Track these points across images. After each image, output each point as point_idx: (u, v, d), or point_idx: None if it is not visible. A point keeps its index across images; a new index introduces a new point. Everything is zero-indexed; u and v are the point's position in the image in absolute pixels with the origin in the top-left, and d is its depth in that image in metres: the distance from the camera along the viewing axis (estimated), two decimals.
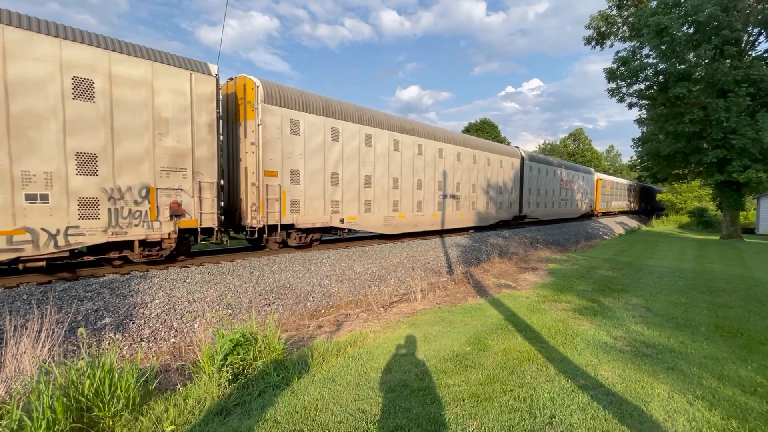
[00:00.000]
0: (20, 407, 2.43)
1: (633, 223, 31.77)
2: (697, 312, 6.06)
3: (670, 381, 3.60)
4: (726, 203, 19.96)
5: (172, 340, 5.28)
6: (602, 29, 21.49)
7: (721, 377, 3.70)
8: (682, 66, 16.80)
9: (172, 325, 5.48)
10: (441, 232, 14.53)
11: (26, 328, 3.53)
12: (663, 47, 16.79)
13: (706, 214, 30.80)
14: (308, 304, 6.96)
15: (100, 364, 2.84)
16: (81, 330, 3.22)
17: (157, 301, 5.83)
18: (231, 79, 8.91)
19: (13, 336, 3.42)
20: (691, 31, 16.65)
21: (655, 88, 18.68)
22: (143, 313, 5.52)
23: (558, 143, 69.77)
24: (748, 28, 17.29)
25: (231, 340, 3.54)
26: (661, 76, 17.85)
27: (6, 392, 2.89)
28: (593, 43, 22.07)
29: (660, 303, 6.56)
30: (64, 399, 2.58)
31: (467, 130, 49.78)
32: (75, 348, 4.63)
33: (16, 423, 2.36)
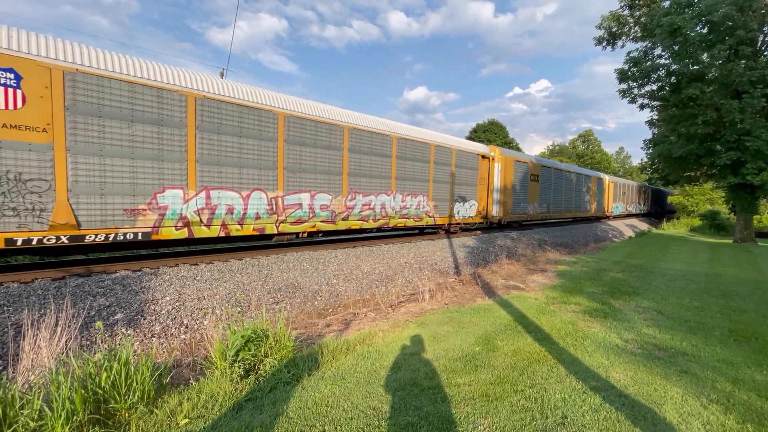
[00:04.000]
0: (40, 398, 2.49)
1: (643, 225, 31.38)
2: (710, 315, 5.97)
3: (683, 384, 3.56)
4: (739, 206, 19.62)
5: (183, 336, 5.35)
6: (613, 29, 21.27)
7: (735, 381, 3.65)
8: (696, 67, 16.54)
9: (183, 322, 5.55)
10: (449, 233, 14.57)
11: (43, 322, 3.60)
12: (676, 48, 16.55)
13: (718, 217, 30.27)
14: (316, 302, 6.99)
15: (117, 358, 2.89)
16: (98, 324, 3.28)
17: (168, 298, 5.90)
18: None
19: (31, 329, 3.49)
20: (704, 31, 16.39)
21: (668, 89, 18.40)
22: (154, 310, 5.60)
23: (567, 145, 69.20)
24: (764, 29, 16.96)
25: (242, 336, 3.57)
26: (673, 77, 17.59)
27: (25, 383, 2.96)
28: (604, 44, 21.86)
29: (672, 306, 6.48)
30: (82, 391, 2.63)
31: (474, 131, 49.63)
32: (89, 342, 4.71)
33: (37, 413, 2.42)
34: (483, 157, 15.34)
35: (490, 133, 47.91)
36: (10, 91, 5.33)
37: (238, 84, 8.20)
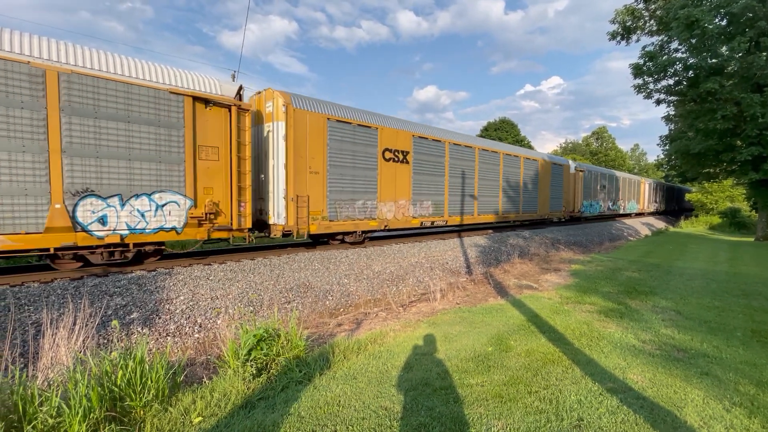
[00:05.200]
0: (58, 395, 2.54)
1: (660, 224, 30.69)
2: (732, 316, 5.79)
3: (704, 386, 3.45)
4: (762, 203, 19.01)
5: (197, 335, 5.42)
6: (628, 24, 20.83)
7: (759, 384, 3.52)
8: (714, 60, 16.09)
9: (196, 321, 5.62)
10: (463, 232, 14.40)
11: (62, 321, 3.69)
12: (693, 41, 16.12)
13: (739, 215, 29.40)
14: (327, 302, 7.01)
15: (132, 356, 2.94)
16: (114, 322, 3.34)
17: (182, 298, 5.99)
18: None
19: (50, 328, 3.57)
20: (723, 23, 15.93)
21: (685, 83, 17.94)
22: (169, 309, 5.69)
23: (580, 142, 68.12)
24: None
25: (255, 336, 3.60)
26: (690, 71, 17.14)
27: (44, 380, 3.02)
28: (618, 39, 21.42)
29: (691, 306, 6.30)
30: (99, 388, 2.68)
31: (486, 129, 49.22)
32: (105, 341, 4.81)
33: (55, 410, 2.47)
34: (207, 103, 7.28)
35: (502, 131, 47.44)
36: None
37: None
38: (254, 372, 3.46)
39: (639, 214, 32.87)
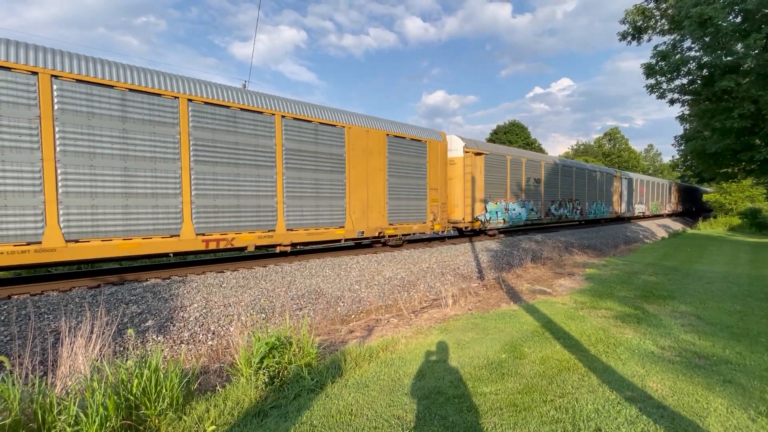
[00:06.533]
0: (76, 403, 2.58)
1: (677, 225, 29.98)
2: (755, 321, 5.59)
3: (727, 395, 3.33)
4: None
5: (210, 342, 5.47)
6: (638, 23, 20.56)
7: None
8: (729, 58, 15.73)
9: (210, 328, 5.68)
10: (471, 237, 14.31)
11: (79, 329, 3.76)
12: (707, 39, 15.80)
13: (760, 215, 28.54)
14: (339, 309, 7.01)
15: (147, 364, 2.97)
16: (130, 331, 3.39)
17: (195, 305, 6.06)
18: None
19: (68, 336, 3.64)
20: (738, 20, 15.61)
21: (699, 82, 17.58)
22: (183, 317, 5.76)
23: (592, 143, 67.20)
24: None
25: (267, 343, 3.61)
26: (705, 70, 16.80)
27: (62, 389, 3.08)
28: (629, 39, 21.15)
29: (712, 311, 6.12)
30: (115, 397, 2.71)
31: (495, 133, 48.97)
32: (122, 349, 4.89)
33: (73, 418, 2.51)
34: None
35: (511, 134, 47.15)
36: None
37: None
38: (267, 380, 3.47)
39: (614, 220, 25.00)
